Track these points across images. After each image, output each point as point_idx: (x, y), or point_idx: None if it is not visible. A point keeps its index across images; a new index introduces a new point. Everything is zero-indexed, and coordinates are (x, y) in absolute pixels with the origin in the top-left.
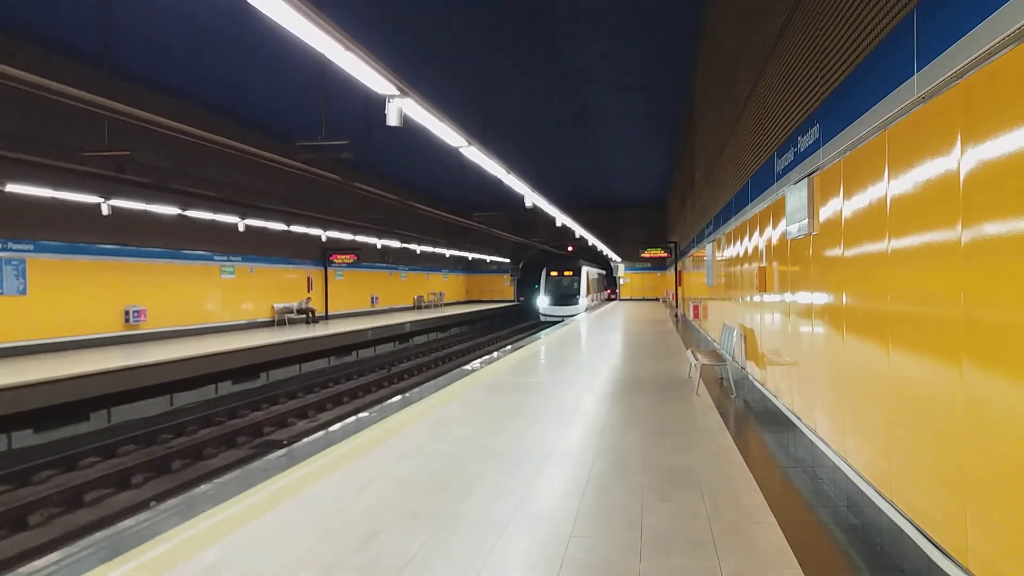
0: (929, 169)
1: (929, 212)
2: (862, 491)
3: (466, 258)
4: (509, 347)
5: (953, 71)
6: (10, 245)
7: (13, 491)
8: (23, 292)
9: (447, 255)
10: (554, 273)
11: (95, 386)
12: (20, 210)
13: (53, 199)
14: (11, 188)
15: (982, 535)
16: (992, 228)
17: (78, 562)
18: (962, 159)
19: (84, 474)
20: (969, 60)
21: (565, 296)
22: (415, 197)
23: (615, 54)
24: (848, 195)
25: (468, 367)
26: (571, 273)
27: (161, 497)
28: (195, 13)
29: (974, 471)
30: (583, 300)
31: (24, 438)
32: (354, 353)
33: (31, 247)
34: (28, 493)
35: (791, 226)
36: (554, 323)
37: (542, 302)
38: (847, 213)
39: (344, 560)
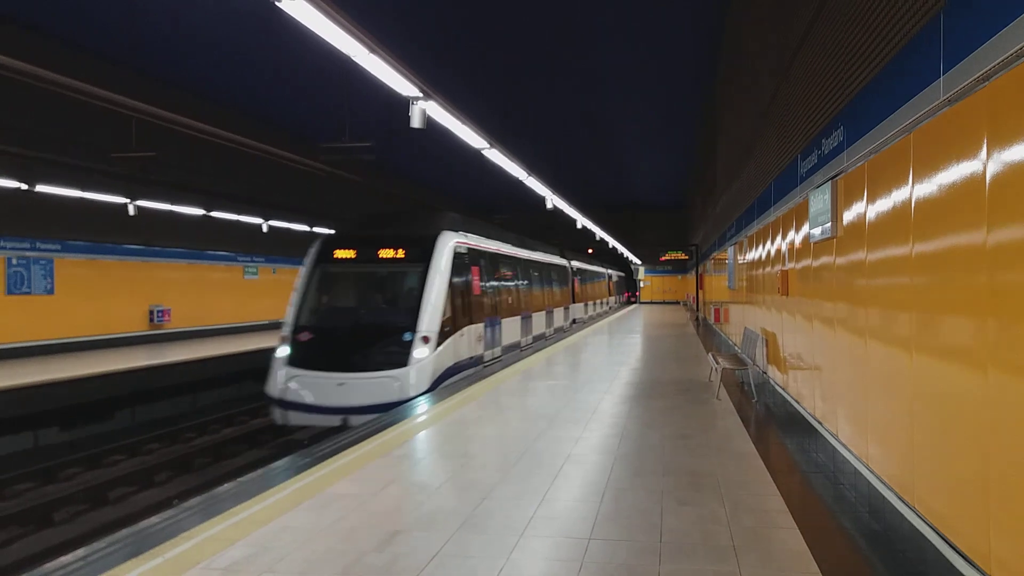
0: (954, 173)
1: (954, 216)
2: (883, 496)
3: None
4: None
5: (980, 73)
6: (38, 245)
7: (39, 488)
8: (50, 291)
9: None
10: (343, 254)
11: (120, 385)
12: (48, 210)
13: (80, 199)
14: (40, 188)
15: (1004, 541)
16: (1017, 233)
17: (103, 558)
18: (988, 163)
19: (109, 472)
20: (997, 62)
21: (354, 340)
22: (436, 198)
23: (636, 57)
24: (872, 198)
25: (487, 369)
26: (398, 253)
27: (184, 495)
28: (220, 16)
29: (997, 477)
30: (427, 352)
31: (50, 435)
32: None
33: (58, 247)
34: (54, 490)
35: (814, 229)
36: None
37: (279, 357)
38: (871, 216)
39: (365, 559)
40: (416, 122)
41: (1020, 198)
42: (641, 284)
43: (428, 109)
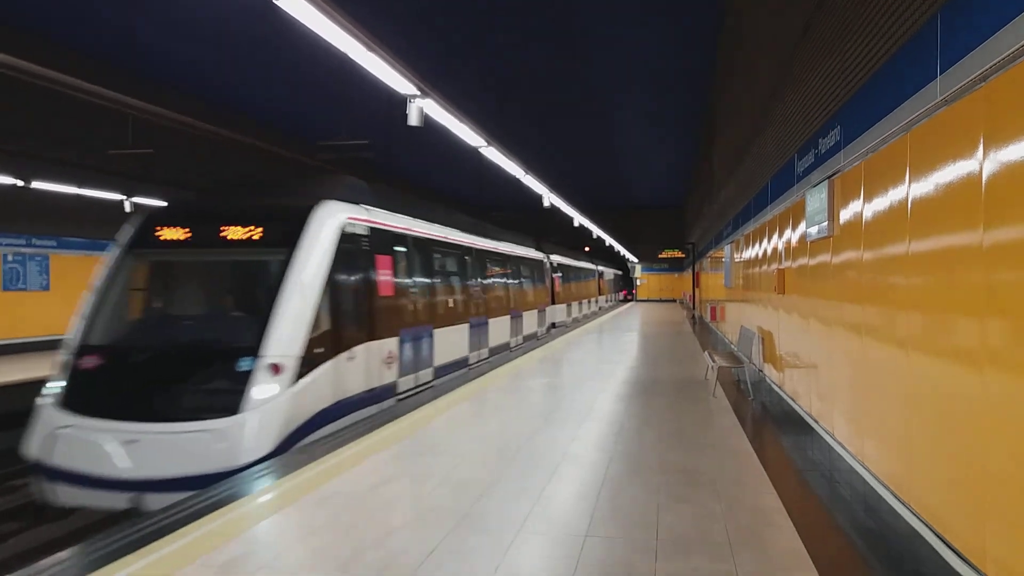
0: (951, 172)
1: (950, 216)
2: (879, 494)
3: None
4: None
5: (977, 74)
6: (34, 241)
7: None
8: (46, 288)
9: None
10: (170, 234)
11: None
12: (44, 207)
13: (77, 196)
14: (36, 185)
15: (999, 538)
16: (1013, 232)
17: (100, 555)
18: (984, 162)
19: None
20: (994, 63)
21: (161, 369)
22: (436, 196)
23: (635, 56)
24: (869, 198)
25: (484, 366)
26: (253, 233)
27: None
28: (218, 14)
29: (992, 475)
30: (277, 388)
31: None
32: None
33: (54, 243)
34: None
35: (811, 228)
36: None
37: (46, 394)
38: (867, 216)
39: (362, 556)
40: (413, 120)
41: (1017, 198)
42: (638, 282)
43: (425, 107)
